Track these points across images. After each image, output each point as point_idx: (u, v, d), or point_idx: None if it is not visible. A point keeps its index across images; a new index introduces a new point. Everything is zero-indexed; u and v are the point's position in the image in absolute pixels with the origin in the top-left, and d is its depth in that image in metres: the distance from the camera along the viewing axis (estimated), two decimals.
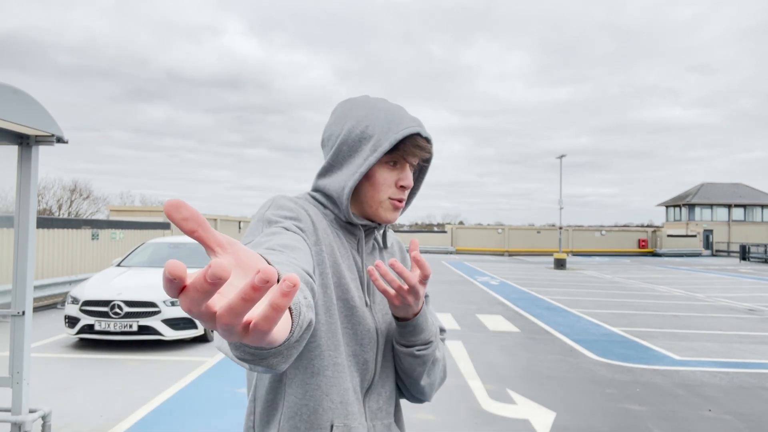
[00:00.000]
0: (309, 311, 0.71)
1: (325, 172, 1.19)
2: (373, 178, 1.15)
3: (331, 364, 1.05)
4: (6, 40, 68.38)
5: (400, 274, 1.00)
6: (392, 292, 1.03)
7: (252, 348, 0.66)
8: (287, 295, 0.47)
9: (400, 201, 1.17)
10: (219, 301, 0.47)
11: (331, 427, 1.03)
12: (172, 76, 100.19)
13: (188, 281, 0.45)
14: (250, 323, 0.49)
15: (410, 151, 1.14)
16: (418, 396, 1.23)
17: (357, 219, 1.16)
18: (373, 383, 1.13)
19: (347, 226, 1.19)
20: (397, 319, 1.12)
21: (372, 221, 1.19)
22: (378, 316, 1.16)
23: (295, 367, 1.04)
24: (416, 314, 1.10)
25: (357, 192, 1.18)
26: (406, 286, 1.02)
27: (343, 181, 1.15)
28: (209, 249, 0.49)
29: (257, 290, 0.45)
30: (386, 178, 1.15)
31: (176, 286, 0.45)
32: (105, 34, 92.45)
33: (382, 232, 1.28)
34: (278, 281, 0.53)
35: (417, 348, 1.13)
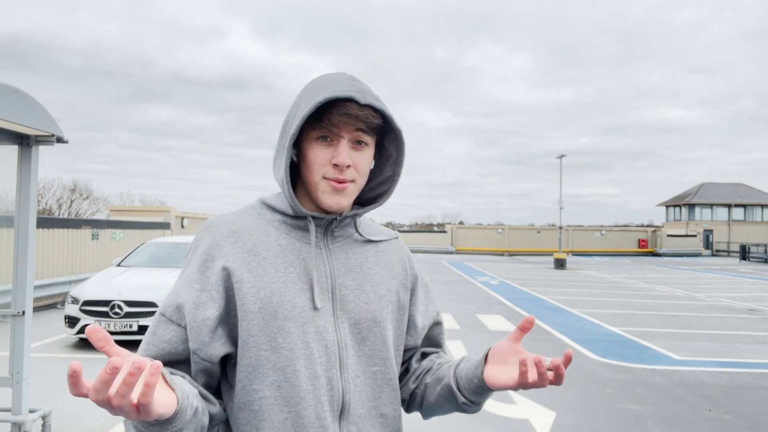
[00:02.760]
0: (196, 399, 0.87)
1: (273, 163, 1.06)
2: (306, 158, 1.02)
3: (257, 399, 0.96)
4: (14, 42, 68.49)
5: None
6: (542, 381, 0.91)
7: (149, 424, 0.79)
8: (154, 374, 0.66)
9: (339, 182, 1.00)
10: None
11: None
12: (176, 78, 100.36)
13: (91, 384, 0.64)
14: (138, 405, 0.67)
15: (337, 121, 0.97)
16: (422, 415, 1.20)
17: (305, 210, 1.03)
18: (346, 403, 1.00)
19: (299, 222, 1.05)
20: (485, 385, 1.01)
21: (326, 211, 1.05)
22: (342, 325, 1.03)
23: (230, 399, 1.01)
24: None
25: (301, 179, 1.06)
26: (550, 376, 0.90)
27: (279, 166, 1.02)
28: (110, 355, 0.67)
29: (133, 375, 0.64)
30: (318, 155, 1.00)
31: (76, 382, 0.64)
32: (111, 37, 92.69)
33: (351, 221, 1.10)
34: None
35: (470, 406, 1.07)
